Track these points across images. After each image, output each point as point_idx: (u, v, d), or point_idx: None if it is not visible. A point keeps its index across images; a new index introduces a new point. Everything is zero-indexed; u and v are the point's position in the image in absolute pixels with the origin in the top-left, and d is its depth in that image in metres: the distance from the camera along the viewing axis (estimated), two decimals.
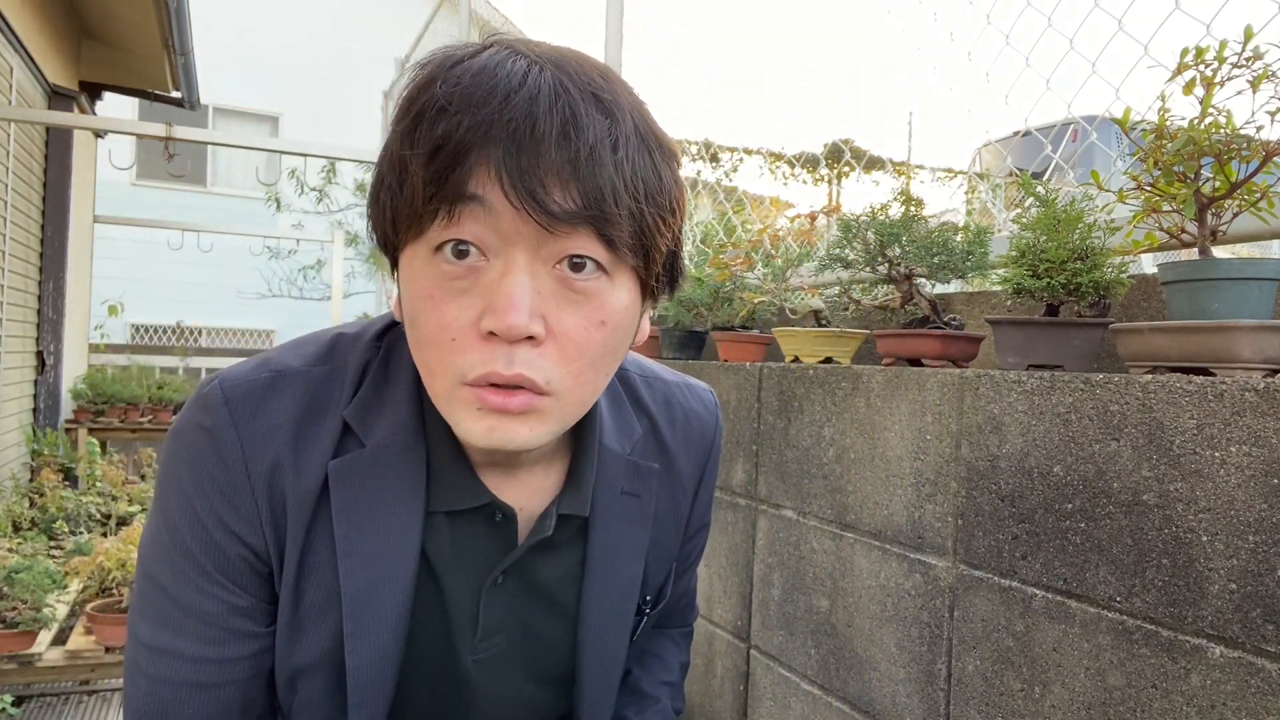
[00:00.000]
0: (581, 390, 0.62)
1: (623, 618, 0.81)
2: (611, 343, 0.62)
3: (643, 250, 0.61)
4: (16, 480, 4.13)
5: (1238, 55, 0.98)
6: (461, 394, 0.59)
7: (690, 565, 0.95)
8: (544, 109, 0.55)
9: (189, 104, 5.94)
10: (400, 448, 0.68)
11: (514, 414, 0.59)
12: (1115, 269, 1.20)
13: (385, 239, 0.63)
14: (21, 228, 4.36)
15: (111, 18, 4.87)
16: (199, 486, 0.65)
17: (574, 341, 0.60)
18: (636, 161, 0.58)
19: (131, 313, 8.71)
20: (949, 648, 1.23)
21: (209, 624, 0.67)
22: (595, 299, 0.60)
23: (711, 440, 0.88)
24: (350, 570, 0.67)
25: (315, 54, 10.66)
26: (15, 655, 2.41)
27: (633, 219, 0.58)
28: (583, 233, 0.57)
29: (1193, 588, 0.92)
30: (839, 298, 1.74)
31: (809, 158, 5.83)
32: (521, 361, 0.58)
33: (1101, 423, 1.02)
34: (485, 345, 0.58)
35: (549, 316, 0.58)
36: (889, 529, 1.35)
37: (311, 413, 0.67)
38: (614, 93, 0.59)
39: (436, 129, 0.56)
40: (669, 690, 0.95)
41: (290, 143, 4.61)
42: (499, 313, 0.56)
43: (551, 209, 0.55)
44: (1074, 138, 1.86)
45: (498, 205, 0.56)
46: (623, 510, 0.78)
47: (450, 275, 0.58)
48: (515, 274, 0.57)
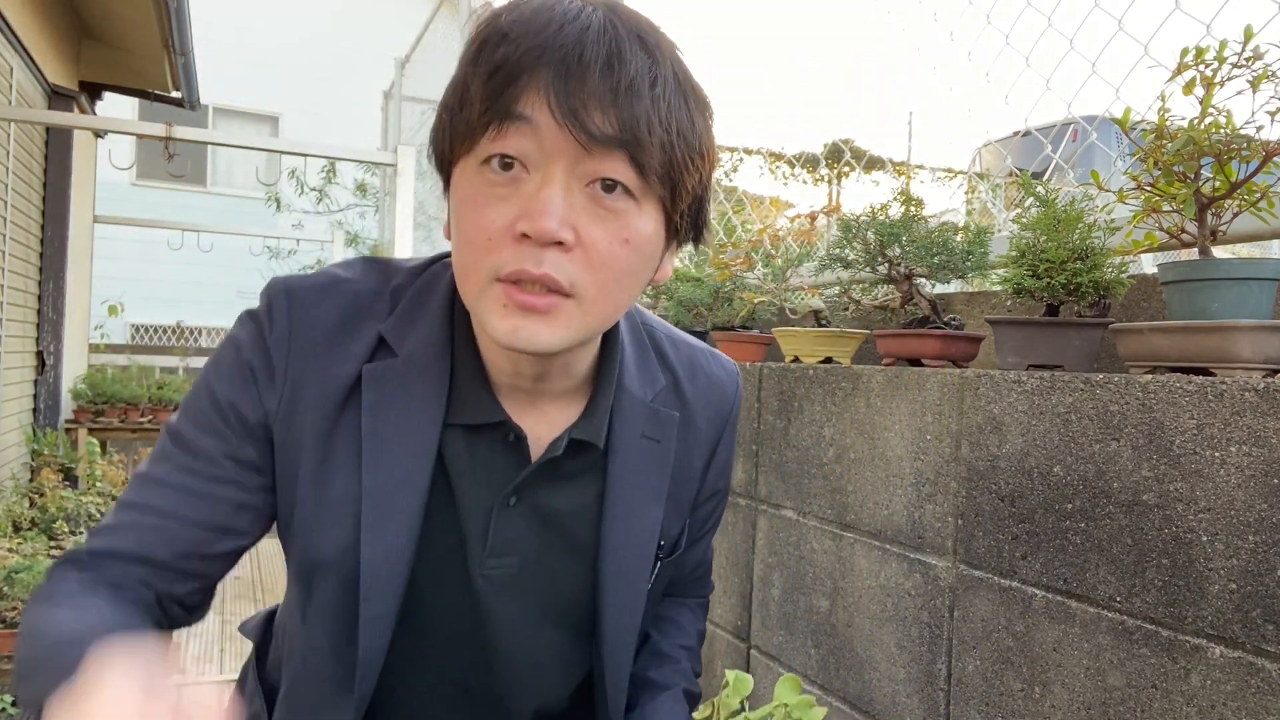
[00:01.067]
0: (603, 300, 0.67)
1: (643, 560, 0.84)
2: (634, 262, 0.67)
3: (670, 183, 0.66)
4: (16, 480, 4.13)
5: (1238, 55, 0.98)
6: (492, 290, 0.65)
7: (706, 532, 0.97)
8: (591, 41, 0.61)
9: (189, 104, 5.93)
10: (427, 359, 0.74)
11: (539, 313, 0.64)
12: (1115, 269, 1.20)
13: (442, 157, 0.69)
14: (21, 228, 4.36)
15: (111, 18, 4.86)
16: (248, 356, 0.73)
17: (599, 253, 0.65)
18: (672, 101, 0.64)
19: (131, 313, 8.70)
20: (949, 648, 1.23)
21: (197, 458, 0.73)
22: (622, 218, 0.65)
23: (731, 406, 0.92)
24: (372, 465, 0.72)
25: (315, 54, 10.65)
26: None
27: (663, 150, 0.64)
28: (616, 156, 0.63)
29: (1193, 588, 0.92)
30: (839, 298, 1.74)
31: (809, 158, 5.83)
32: (549, 262, 0.63)
33: (1101, 423, 1.02)
34: (518, 245, 0.63)
35: (579, 227, 0.64)
36: (889, 529, 1.35)
37: (353, 320, 0.74)
38: (657, 40, 0.65)
39: (496, 53, 0.63)
40: (688, 654, 0.97)
41: (290, 143, 4.61)
42: (533, 217, 0.62)
43: (590, 130, 0.61)
44: (1074, 138, 1.86)
45: (542, 124, 0.62)
46: (643, 453, 0.82)
47: (494, 183, 0.64)
48: (552, 186, 0.63)
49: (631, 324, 0.86)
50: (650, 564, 0.85)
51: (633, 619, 0.85)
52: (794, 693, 0.71)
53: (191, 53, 5.16)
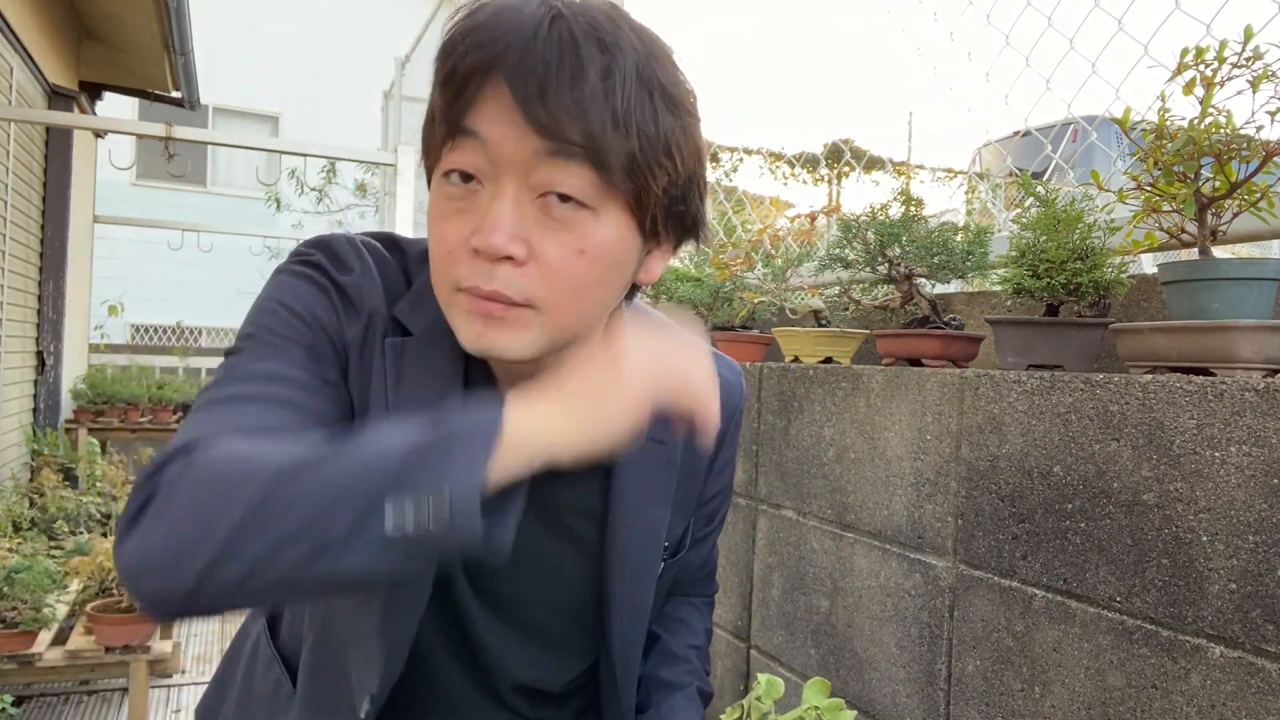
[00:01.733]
0: (565, 309, 0.66)
1: (650, 561, 0.84)
2: (594, 272, 0.66)
3: (633, 186, 0.64)
4: (16, 480, 4.13)
5: (1238, 55, 0.98)
6: (457, 299, 0.66)
7: (710, 532, 0.97)
8: (540, 45, 0.59)
9: (189, 104, 5.93)
10: (438, 338, 0.73)
11: (497, 319, 0.64)
12: (1115, 269, 1.20)
13: (425, 165, 0.70)
14: (21, 228, 4.36)
15: (111, 18, 4.86)
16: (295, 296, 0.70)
17: (553, 266, 0.64)
18: (631, 100, 0.61)
19: (131, 313, 8.70)
20: (949, 648, 1.23)
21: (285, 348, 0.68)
22: (576, 229, 0.64)
23: (735, 405, 0.91)
24: None
25: (315, 54, 10.65)
26: (15, 655, 2.41)
27: (620, 154, 0.62)
28: (568, 166, 0.61)
29: (1193, 588, 0.92)
30: (839, 298, 1.74)
31: (809, 158, 5.83)
32: (500, 279, 0.63)
33: (1101, 423, 1.02)
34: (473, 260, 0.64)
35: (532, 241, 0.63)
36: (889, 529, 1.35)
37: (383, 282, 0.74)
38: (617, 35, 0.62)
39: (447, 64, 0.63)
40: (697, 653, 0.97)
41: (290, 143, 4.61)
42: (483, 233, 0.62)
43: (539, 141, 0.60)
44: (1074, 138, 1.86)
45: (490, 138, 0.61)
46: (649, 455, 0.82)
47: (453, 196, 0.65)
48: (501, 200, 0.62)
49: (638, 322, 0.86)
50: (658, 565, 0.85)
51: (641, 619, 0.86)
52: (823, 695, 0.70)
53: (191, 53, 5.15)
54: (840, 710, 0.67)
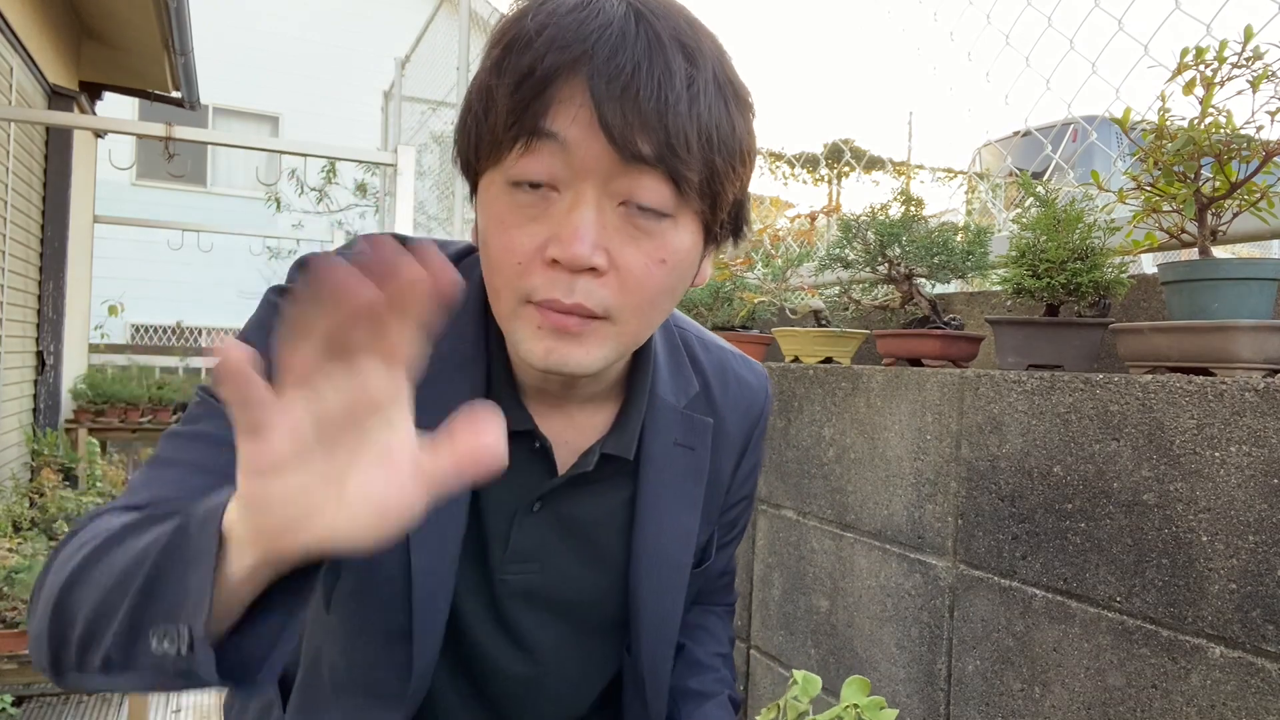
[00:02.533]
0: (639, 320, 0.65)
1: (678, 569, 0.82)
2: (670, 281, 0.64)
3: (710, 195, 0.62)
4: (16, 480, 4.12)
5: (1238, 55, 0.98)
6: (524, 311, 0.63)
7: (733, 538, 0.96)
8: (628, 51, 0.57)
9: (189, 104, 5.93)
10: (462, 359, 0.72)
11: (572, 334, 0.62)
12: (1115, 269, 1.20)
13: (467, 164, 0.66)
14: (21, 228, 4.36)
15: (111, 18, 4.86)
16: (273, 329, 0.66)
17: (634, 276, 0.62)
18: (713, 109, 0.60)
19: (131, 313, 8.70)
20: (949, 648, 1.23)
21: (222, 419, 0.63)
22: (658, 238, 0.62)
23: (761, 410, 0.90)
24: None
25: (315, 54, 10.65)
26: (15, 655, 2.41)
27: (702, 165, 0.60)
28: (652, 174, 0.59)
29: (1193, 588, 0.92)
30: (839, 298, 1.74)
31: (809, 158, 5.83)
32: (581, 291, 0.60)
33: (1101, 423, 1.02)
34: (549, 271, 0.61)
35: (612, 250, 0.61)
36: (889, 529, 1.35)
37: None
38: (697, 40, 0.61)
39: (523, 61, 0.58)
40: (724, 661, 0.96)
41: (290, 143, 4.61)
42: (564, 243, 0.59)
43: (624, 148, 0.57)
44: (1074, 138, 1.86)
45: (572, 141, 0.58)
46: (676, 461, 0.80)
47: (522, 203, 0.61)
48: (583, 208, 0.59)
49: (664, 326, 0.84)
50: (686, 573, 0.83)
51: (671, 629, 0.84)
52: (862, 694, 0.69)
53: (191, 53, 5.15)
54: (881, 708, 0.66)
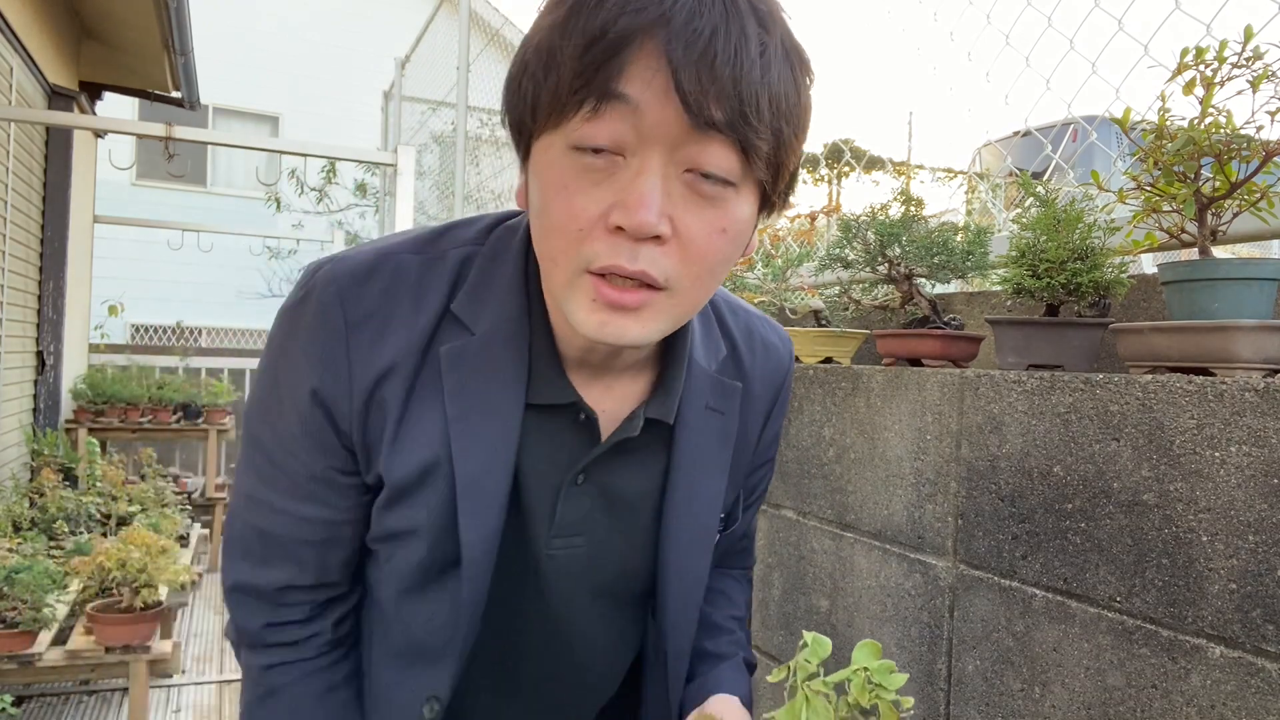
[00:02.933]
0: (695, 291, 0.64)
1: (706, 533, 0.83)
2: (729, 251, 0.63)
3: (774, 165, 0.61)
4: (16, 480, 4.12)
5: (1238, 55, 0.98)
6: (581, 282, 0.61)
7: (755, 500, 0.96)
8: (705, 16, 0.55)
9: (189, 104, 5.93)
10: (506, 337, 0.71)
11: (629, 309, 0.61)
12: (1115, 269, 1.20)
13: (521, 125, 0.63)
14: (21, 228, 4.36)
15: (111, 18, 4.86)
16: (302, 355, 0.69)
17: (697, 245, 0.61)
18: (783, 76, 0.58)
19: (131, 313, 8.70)
20: (949, 648, 1.23)
21: (292, 480, 0.73)
22: (721, 206, 0.61)
23: (785, 372, 0.90)
24: (464, 450, 0.70)
25: (315, 54, 10.65)
26: (15, 655, 2.41)
27: (771, 134, 0.59)
28: (721, 141, 0.58)
29: (1193, 588, 0.92)
30: (839, 298, 1.74)
31: (809, 158, 5.83)
32: (645, 258, 0.59)
33: (1101, 423, 1.02)
34: (612, 238, 0.59)
35: (676, 218, 0.60)
36: (889, 529, 1.35)
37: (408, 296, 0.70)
38: (770, 5, 0.59)
39: (594, 21, 0.56)
40: (739, 624, 0.96)
41: (290, 143, 4.61)
42: (630, 209, 0.58)
43: (698, 115, 0.56)
44: (1074, 138, 1.86)
45: (644, 105, 0.56)
46: (707, 425, 0.80)
47: (586, 168, 0.59)
48: (649, 174, 0.58)
49: None
50: (713, 537, 0.84)
51: (696, 594, 0.84)
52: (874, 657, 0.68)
53: (191, 53, 5.16)
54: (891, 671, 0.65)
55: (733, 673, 0.89)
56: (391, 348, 0.69)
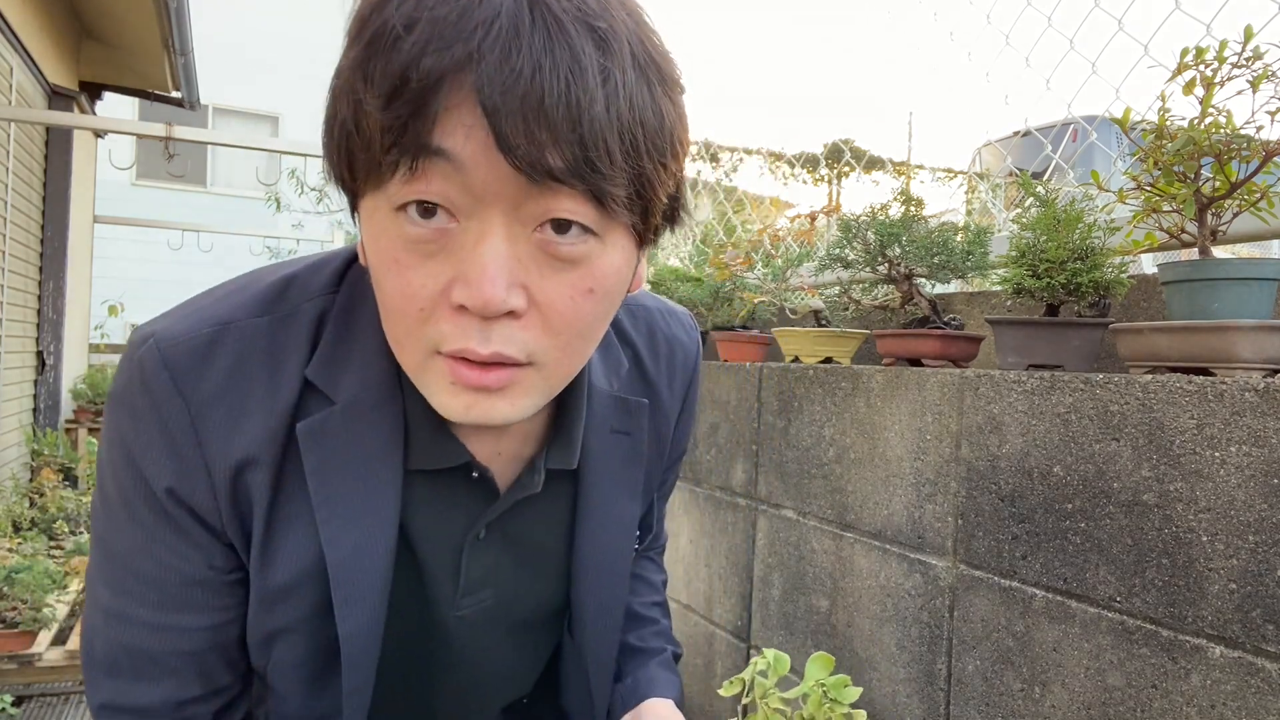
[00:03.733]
0: (568, 361, 0.57)
1: (622, 557, 0.78)
2: (601, 309, 0.56)
3: (640, 205, 0.53)
4: (16, 480, 4.13)
5: (1238, 55, 0.98)
6: (434, 364, 0.54)
7: (665, 494, 0.92)
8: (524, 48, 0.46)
9: (189, 104, 5.94)
10: (374, 402, 0.62)
11: (492, 389, 0.54)
12: (1115, 269, 1.20)
13: (343, 182, 0.54)
14: (21, 228, 4.36)
15: (111, 18, 4.86)
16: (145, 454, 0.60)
17: (559, 313, 0.53)
18: (635, 103, 0.49)
19: (131, 313, 8.70)
20: (949, 648, 1.23)
21: (163, 591, 0.63)
22: (583, 264, 0.52)
23: (693, 368, 0.84)
24: (333, 536, 0.62)
25: (315, 54, 10.65)
26: (15, 655, 2.41)
27: (629, 175, 0.50)
28: (570, 191, 0.49)
29: (1193, 588, 0.92)
30: (839, 298, 1.74)
31: (809, 158, 5.83)
32: (499, 338, 0.51)
33: (1101, 423, 1.02)
34: (457, 317, 0.51)
35: (531, 286, 0.51)
36: (889, 529, 1.35)
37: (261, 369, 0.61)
38: (608, 13, 0.49)
39: (393, 63, 0.46)
40: (660, 610, 0.94)
41: (290, 143, 4.61)
42: (472, 284, 0.49)
43: (533, 168, 0.47)
44: (1074, 138, 1.86)
45: (468, 160, 0.47)
46: (613, 450, 0.74)
47: (416, 239, 0.50)
48: (491, 240, 0.49)
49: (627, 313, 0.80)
50: (629, 560, 0.80)
51: (616, 616, 0.81)
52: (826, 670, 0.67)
53: (191, 53, 5.16)
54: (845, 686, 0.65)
55: (662, 671, 0.86)
56: (249, 433, 0.60)
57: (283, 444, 0.61)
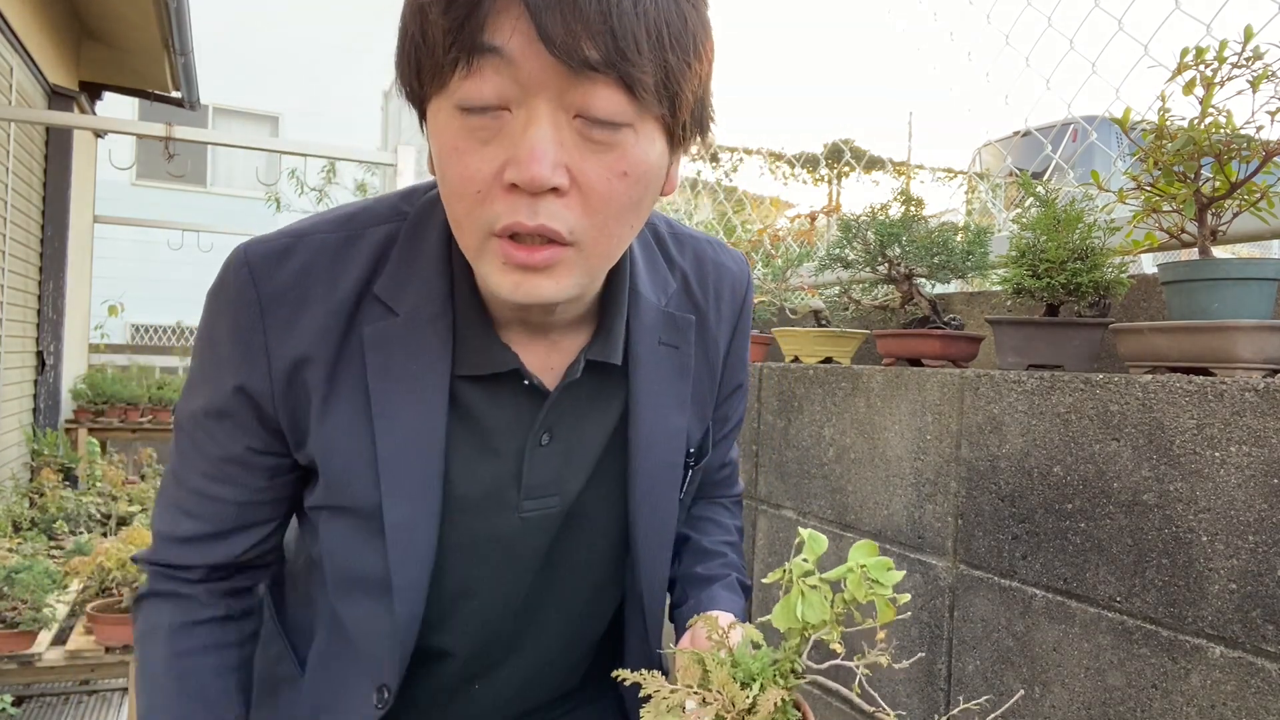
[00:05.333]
0: (606, 241, 0.63)
1: (672, 471, 0.82)
2: (635, 194, 0.62)
3: (668, 98, 0.59)
4: (16, 480, 4.13)
5: (1238, 55, 0.98)
6: (490, 245, 0.61)
7: (730, 430, 0.95)
8: None
9: (189, 104, 5.94)
10: (429, 316, 0.70)
11: (539, 269, 0.60)
12: (1115, 269, 1.20)
13: (412, 92, 0.63)
14: (21, 228, 4.36)
15: (111, 18, 4.86)
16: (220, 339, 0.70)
17: (597, 192, 0.59)
18: (661, 3, 0.56)
19: (131, 313, 8.71)
20: (949, 648, 1.23)
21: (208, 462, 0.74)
22: (618, 149, 0.59)
23: (744, 296, 0.88)
24: (385, 430, 0.70)
25: (315, 54, 10.66)
26: (15, 655, 2.41)
27: (656, 66, 0.57)
28: (605, 81, 0.56)
29: (1193, 588, 0.92)
30: (839, 298, 1.74)
31: (809, 158, 5.83)
32: (545, 212, 0.58)
33: (1101, 423, 1.02)
34: (509, 196, 0.58)
35: (572, 167, 0.58)
36: (889, 529, 1.35)
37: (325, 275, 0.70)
38: None
39: None
40: (731, 548, 0.94)
41: (290, 143, 4.62)
42: (521, 164, 0.56)
43: (570, 57, 0.54)
44: (1074, 138, 1.86)
45: (517, 55, 0.55)
46: (662, 361, 0.79)
47: (473, 127, 0.58)
48: (538, 125, 0.56)
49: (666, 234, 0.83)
50: (680, 474, 0.83)
51: (666, 533, 0.83)
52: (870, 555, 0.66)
53: (191, 53, 5.16)
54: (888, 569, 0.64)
55: (726, 592, 0.87)
56: (309, 328, 0.69)
57: (338, 345, 0.70)
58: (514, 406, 0.74)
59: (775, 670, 0.62)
